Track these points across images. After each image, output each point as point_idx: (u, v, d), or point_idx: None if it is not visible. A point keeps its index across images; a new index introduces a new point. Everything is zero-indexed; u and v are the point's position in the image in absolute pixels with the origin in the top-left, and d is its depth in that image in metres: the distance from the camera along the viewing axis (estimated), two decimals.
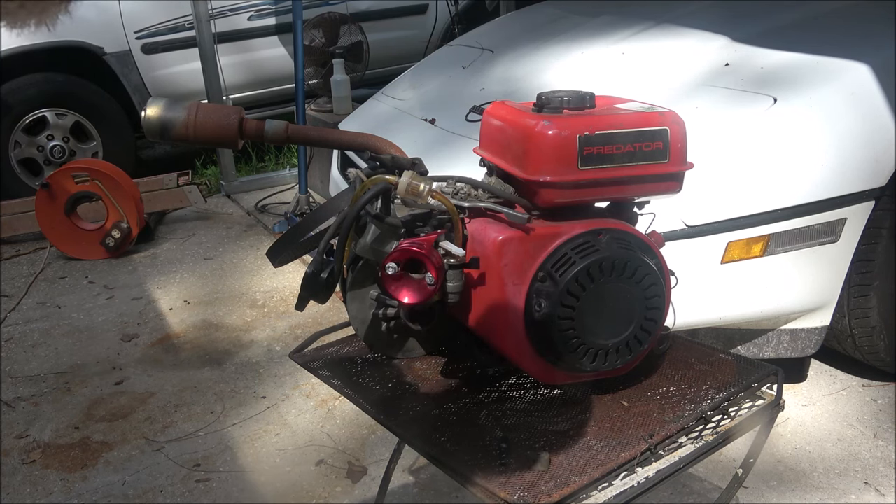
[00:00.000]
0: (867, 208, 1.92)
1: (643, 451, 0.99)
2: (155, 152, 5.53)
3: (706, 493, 1.81)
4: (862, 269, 1.99)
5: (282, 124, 1.20)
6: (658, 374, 1.16)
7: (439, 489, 1.87)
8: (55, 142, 4.12)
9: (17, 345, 2.75)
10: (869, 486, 1.82)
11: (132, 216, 3.46)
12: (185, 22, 4.31)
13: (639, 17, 2.66)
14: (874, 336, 2.06)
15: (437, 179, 1.11)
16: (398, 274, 1.00)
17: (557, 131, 1.00)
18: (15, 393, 2.43)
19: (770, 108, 1.93)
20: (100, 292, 3.16)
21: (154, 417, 2.26)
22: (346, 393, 1.16)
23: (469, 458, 0.99)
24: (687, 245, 1.83)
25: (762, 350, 2.02)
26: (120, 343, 2.72)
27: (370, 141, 1.21)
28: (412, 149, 1.22)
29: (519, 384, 1.15)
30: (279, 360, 2.52)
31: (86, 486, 1.98)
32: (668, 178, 1.07)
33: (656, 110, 1.06)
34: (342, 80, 3.85)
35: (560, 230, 1.03)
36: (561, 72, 2.46)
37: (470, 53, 2.96)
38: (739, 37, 2.27)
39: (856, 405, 2.12)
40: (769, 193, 1.85)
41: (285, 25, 4.52)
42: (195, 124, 1.13)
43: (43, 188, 3.41)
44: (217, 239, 3.69)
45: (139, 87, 4.35)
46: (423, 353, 1.23)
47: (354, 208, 1.05)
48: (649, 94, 1.98)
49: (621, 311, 1.02)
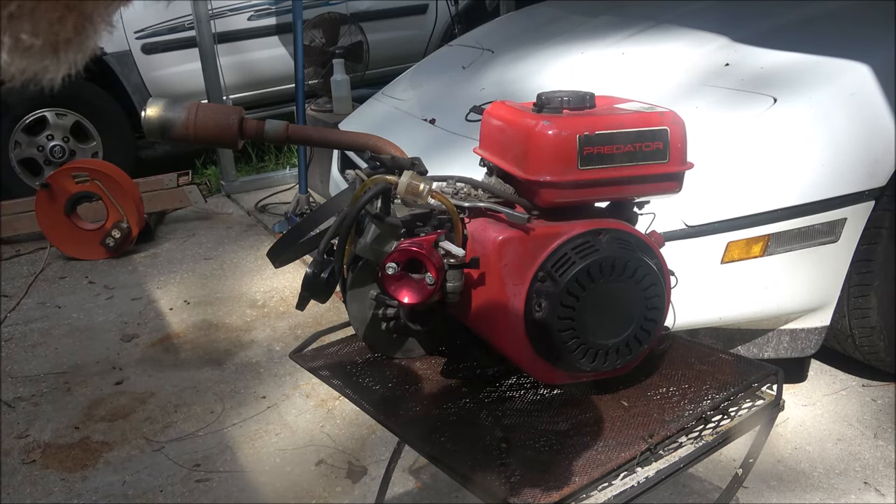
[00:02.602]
0: (867, 208, 1.92)
1: (643, 451, 0.99)
2: (155, 152, 5.53)
3: (706, 493, 1.81)
4: (862, 269, 1.99)
5: (282, 124, 1.20)
6: (658, 374, 1.16)
7: (439, 489, 1.86)
8: (55, 142, 4.12)
9: (17, 345, 2.75)
10: (869, 486, 1.82)
11: (132, 216, 3.46)
12: (185, 22, 4.31)
13: (638, 17, 2.65)
14: (874, 336, 2.06)
15: (437, 179, 1.11)
16: (398, 274, 1.00)
17: (557, 131, 1.00)
18: (15, 393, 2.43)
19: (770, 109, 1.93)
20: (100, 292, 3.16)
21: (154, 417, 2.26)
22: (346, 393, 1.16)
23: (469, 458, 0.99)
24: (687, 245, 1.83)
25: (762, 350, 2.02)
26: (120, 343, 2.72)
27: (370, 141, 1.21)
28: (412, 149, 1.21)
29: (519, 384, 1.15)
30: (279, 360, 2.52)
31: (86, 486, 1.98)
32: (668, 178, 1.07)
33: (656, 110, 1.06)
34: (342, 80, 3.85)
35: (560, 230, 1.02)
36: (561, 72, 2.46)
37: (470, 53, 2.96)
38: (739, 37, 2.27)
39: (856, 405, 2.12)
40: (769, 193, 1.85)
41: (285, 25, 4.52)
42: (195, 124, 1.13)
43: (43, 188, 3.41)
44: (217, 239, 3.69)
45: (139, 87, 4.35)
46: (423, 353, 1.23)
47: (354, 208, 1.05)
48: (649, 94, 1.98)
49: (621, 311, 1.02)
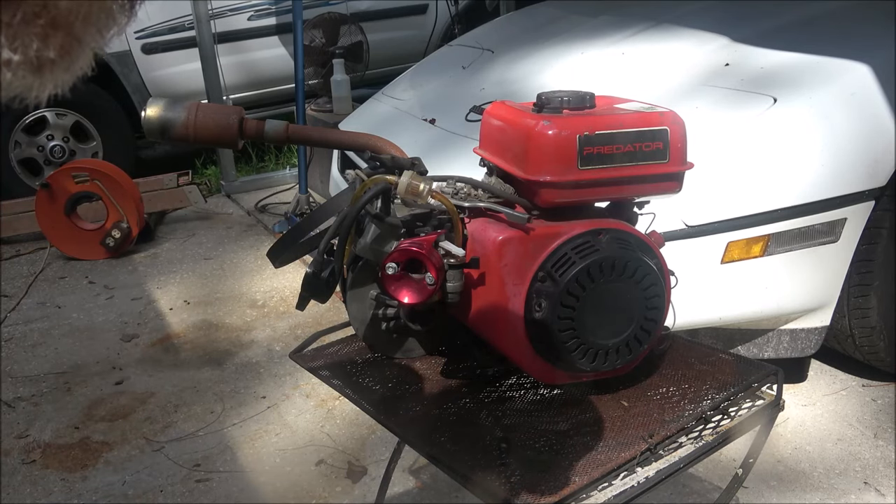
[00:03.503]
0: (867, 208, 1.92)
1: (643, 451, 0.99)
2: (155, 152, 5.53)
3: (706, 493, 1.81)
4: (862, 269, 1.99)
5: (282, 124, 1.20)
6: (658, 374, 1.16)
7: (439, 489, 1.86)
8: (55, 142, 4.12)
9: (17, 345, 2.75)
10: (869, 486, 1.82)
11: (132, 216, 3.46)
12: (185, 22, 4.31)
13: (639, 17, 2.65)
14: (874, 336, 2.06)
15: (436, 179, 1.11)
16: (398, 274, 1.00)
17: (557, 131, 1.00)
18: (15, 393, 2.43)
19: (770, 109, 1.93)
20: (100, 292, 3.16)
21: (154, 417, 2.26)
22: (346, 393, 1.16)
23: (469, 458, 0.99)
24: (687, 245, 1.83)
25: (762, 350, 2.02)
26: (120, 343, 2.72)
27: (370, 141, 1.21)
28: (412, 149, 1.21)
29: (519, 384, 1.15)
30: (279, 360, 2.52)
31: (86, 486, 1.98)
32: (668, 178, 1.07)
33: (656, 110, 1.06)
34: (342, 80, 3.85)
35: (560, 230, 1.02)
36: (561, 72, 2.46)
37: (470, 53, 2.96)
38: (739, 37, 2.27)
39: (856, 405, 2.12)
40: (769, 193, 1.85)
41: (285, 25, 4.52)
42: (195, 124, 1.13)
43: (43, 188, 3.41)
44: (217, 239, 3.69)
45: (139, 87, 4.35)
46: (423, 353, 1.23)
47: (354, 208, 1.05)
48: (649, 94, 1.98)
49: (621, 311, 1.02)
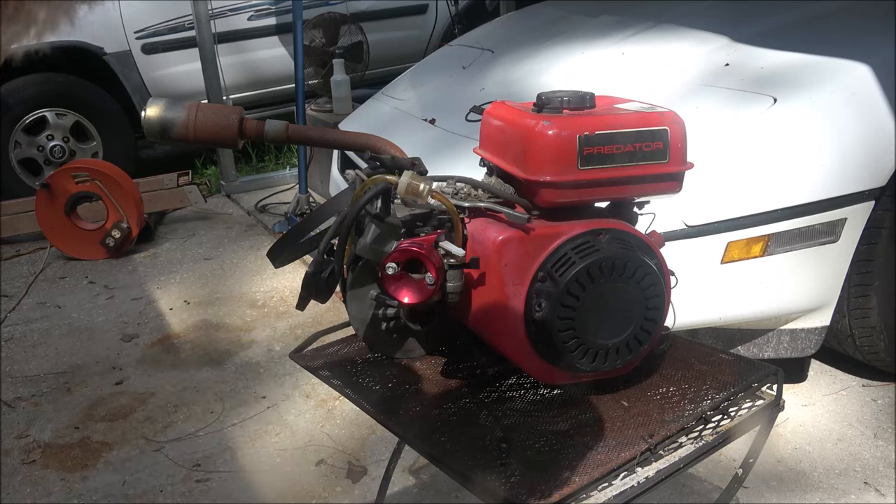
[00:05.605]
0: (867, 208, 1.92)
1: (643, 451, 0.99)
2: (155, 152, 5.53)
3: (706, 493, 1.81)
4: (862, 269, 1.99)
5: (282, 124, 1.20)
6: (658, 374, 1.16)
7: (439, 489, 1.86)
8: (55, 142, 4.12)
9: (17, 345, 2.75)
10: (869, 486, 1.82)
11: (132, 216, 3.46)
12: (185, 22, 4.31)
13: (639, 17, 2.65)
14: (874, 336, 2.06)
15: (437, 179, 1.11)
16: (398, 274, 1.00)
17: (557, 131, 1.00)
18: (15, 393, 2.43)
19: (770, 109, 1.93)
20: (100, 292, 3.16)
21: (154, 417, 2.26)
22: (346, 393, 1.16)
23: (469, 458, 0.99)
24: (687, 245, 1.83)
25: (762, 350, 2.02)
26: (120, 343, 2.72)
27: (370, 141, 1.21)
28: (412, 149, 1.21)
29: (519, 384, 1.15)
30: (279, 360, 2.52)
31: (86, 486, 1.98)
32: (668, 178, 1.07)
33: (656, 110, 1.06)
34: (342, 80, 3.85)
35: (560, 230, 1.03)
36: (561, 72, 2.46)
37: (470, 53, 2.96)
38: (739, 37, 2.27)
39: (856, 405, 2.12)
40: (769, 193, 1.85)
41: (285, 25, 4.52)
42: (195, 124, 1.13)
43: (43, 188, 3.41)
44: (217, 239, 3.69)
45: (139, 87, 4.35)
46: (423, 353, 1.23)
47: (354, 208, 1.05)
48: (649, 94, 1.98)
49: (621, 311, 1.02)
